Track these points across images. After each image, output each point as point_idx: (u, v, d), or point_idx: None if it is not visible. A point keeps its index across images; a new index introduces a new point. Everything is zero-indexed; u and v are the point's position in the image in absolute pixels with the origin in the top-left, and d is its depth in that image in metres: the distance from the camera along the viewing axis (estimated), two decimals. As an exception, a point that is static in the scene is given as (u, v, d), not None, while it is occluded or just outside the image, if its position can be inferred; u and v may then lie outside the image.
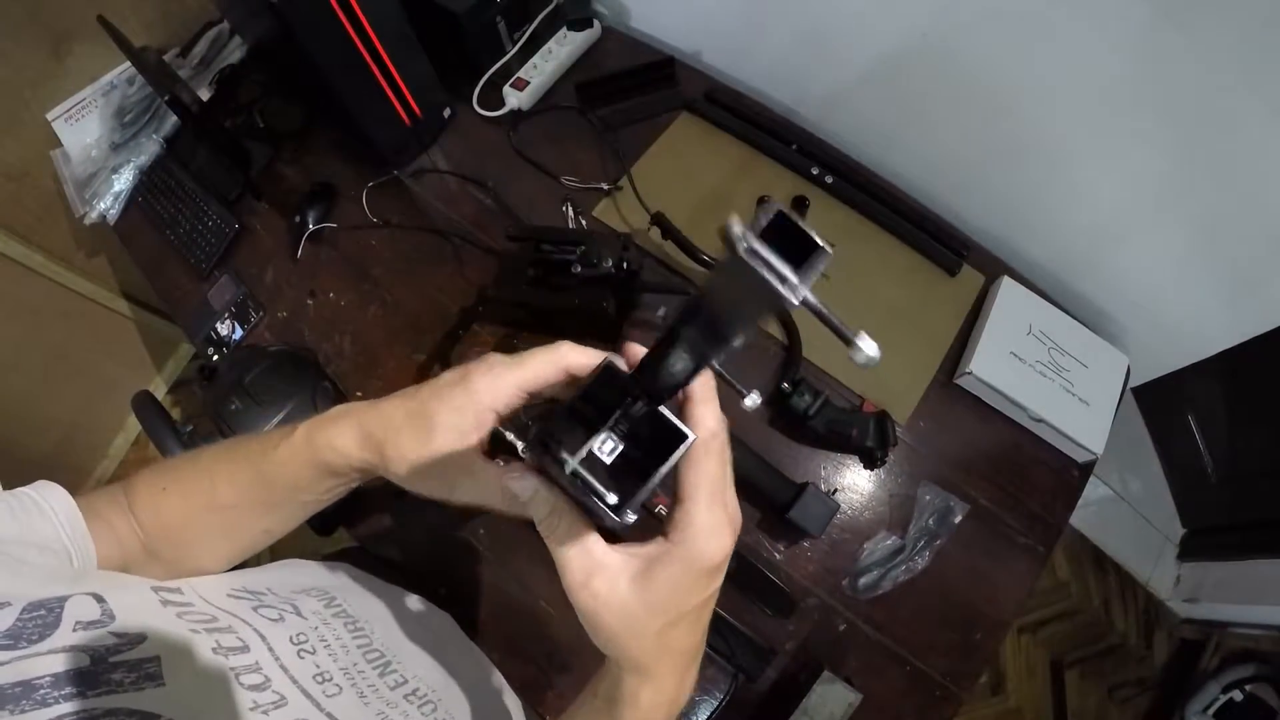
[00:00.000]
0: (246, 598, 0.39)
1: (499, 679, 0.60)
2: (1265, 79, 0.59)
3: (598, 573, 0.28)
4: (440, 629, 0.59)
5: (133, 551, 0.40)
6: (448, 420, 0.33)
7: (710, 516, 0.27)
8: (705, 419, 0.28)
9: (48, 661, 0.24)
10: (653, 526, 0.29)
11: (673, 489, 0.29)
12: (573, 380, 0.32)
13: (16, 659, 0.24)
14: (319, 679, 0.37)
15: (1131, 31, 0.63)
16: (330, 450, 0.35)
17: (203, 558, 0.42)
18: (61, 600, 0.27)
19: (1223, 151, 0.66)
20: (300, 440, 0.37)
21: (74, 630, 0.26)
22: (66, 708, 0.23)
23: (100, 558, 0.38)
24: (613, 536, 0.29)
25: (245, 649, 0.33)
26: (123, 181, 1.08)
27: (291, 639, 0.37)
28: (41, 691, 0.23)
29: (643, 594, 0.28)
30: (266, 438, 0.38)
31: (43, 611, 0.26)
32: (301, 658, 0.37)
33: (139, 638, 0.28)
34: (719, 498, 0.28)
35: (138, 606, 0.30)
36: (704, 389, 0.29)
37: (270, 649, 0.34)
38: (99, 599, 0.28)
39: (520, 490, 0.29)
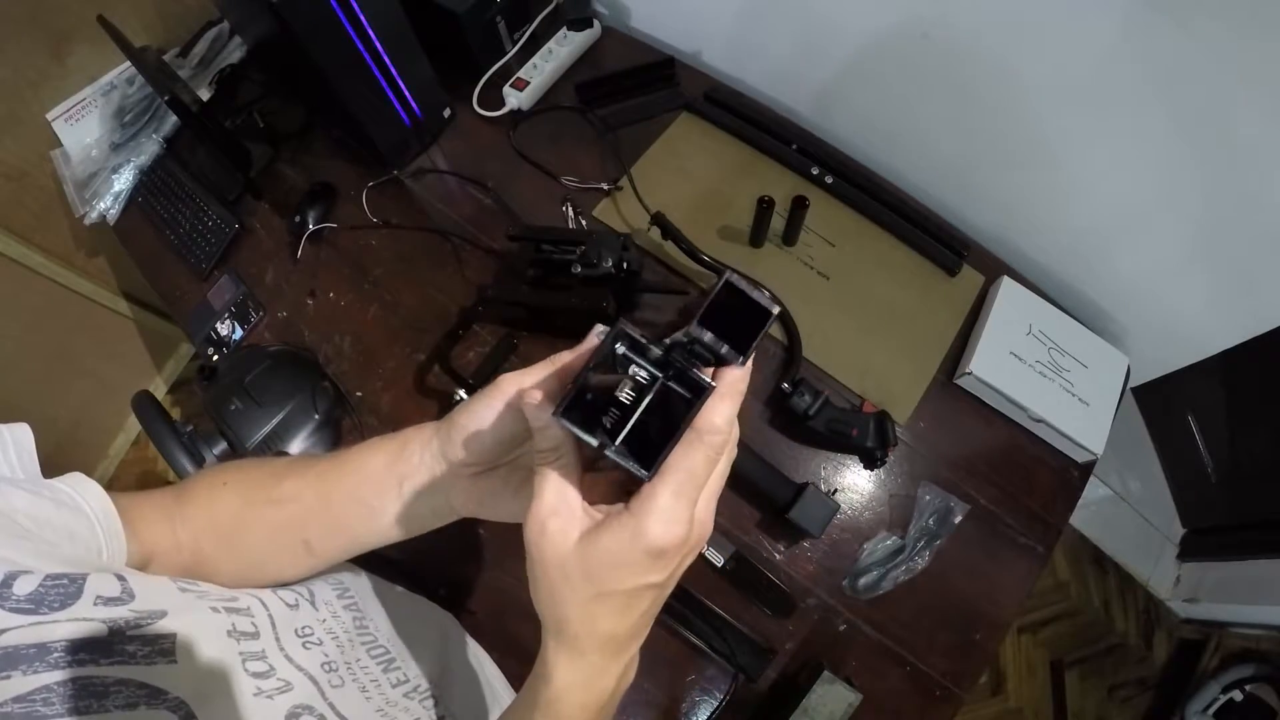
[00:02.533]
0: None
1: (500, 678, 0.61)
2: (1266, 79, 0.59)
3: (560, 514, 0.28)
4: (441, 628, 0.59)
5: (162, 554, 0.39)
6: (474, 401, 0.35)
7: (672, 502, 0.27)
8: (712, 415, 0.28)
9: (66, 628, 0.25)
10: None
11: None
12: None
13: (35, 624, 0.24)
14: (326, 668, 0.37)
15: (1132, 32, 0.63)
16: (414, 430, 0.38)
17: (242, 558, 0.41)
18: (84, 575, 0.27)
19: (1223, 151, 0.66)
20: (389, 433, 0.39)
21: (94, 604, 0.26)
22: (77, 672, 0.24)
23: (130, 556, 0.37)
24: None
25: (255, 635, 0.33)
26: (123, 181, 1.08)
27: (298, 631, 0.37)
28: (55, 655, 0.24)
29: (584, 551, 0.28)
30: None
31: (65, 581, 0.26)
32: (308, 649, 0.37)
33: (159, 614, 0.28)
34: (689, 491, 0.27)
35: (157, 588, 0.30)
36: (727, 388, 0.28)
37: (277, 638, 0.35)
38: (120, 578, 0.29)
39: (535, 416, 0.30)
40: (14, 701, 0.22)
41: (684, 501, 0.27)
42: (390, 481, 0.38)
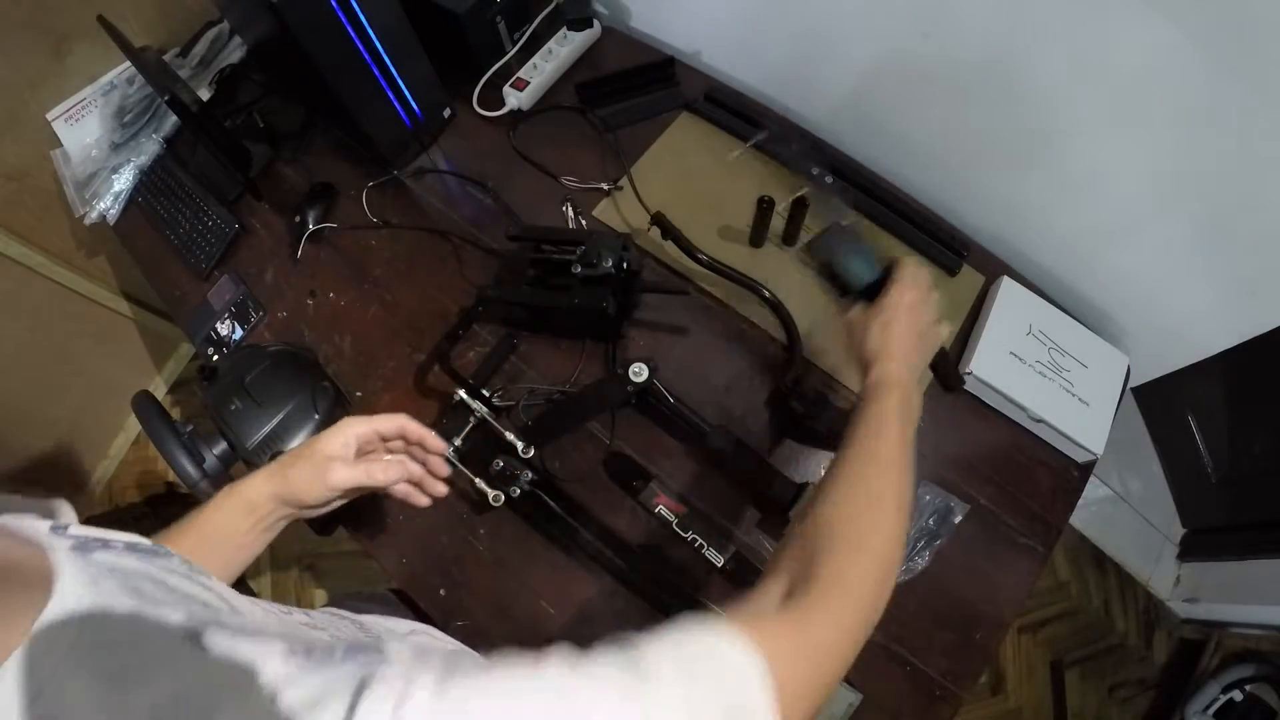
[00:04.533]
0: None
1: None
2: (1266, 79, 0.59)
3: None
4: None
5: None
6: (331, 441, 0.53)
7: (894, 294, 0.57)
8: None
9: (118, 535, 0.32)
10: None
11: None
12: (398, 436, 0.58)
13: (93, 532, 0.31)
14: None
15: (1132, 32, 0.63)
16: (247, 486, 0.52)
17: None
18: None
19: (1223, 151, 0.66)
20: (225, 488, 0.52)
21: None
22: (135, 558, 0.31)
23: None
24: None
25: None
26: (123, 181, 1.08)
27: (301, 622, 0.43)
28: (117, 547, 0.31)
29: (867, 315, 0.57)
30: (196, 510, 0.52)
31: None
32: (317, 627, 0.43)
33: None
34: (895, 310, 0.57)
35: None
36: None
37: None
38: None
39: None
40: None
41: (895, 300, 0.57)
42: (250, 525, 0.51)
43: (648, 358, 0.70)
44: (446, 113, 1.00)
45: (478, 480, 0.71)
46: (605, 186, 0.92)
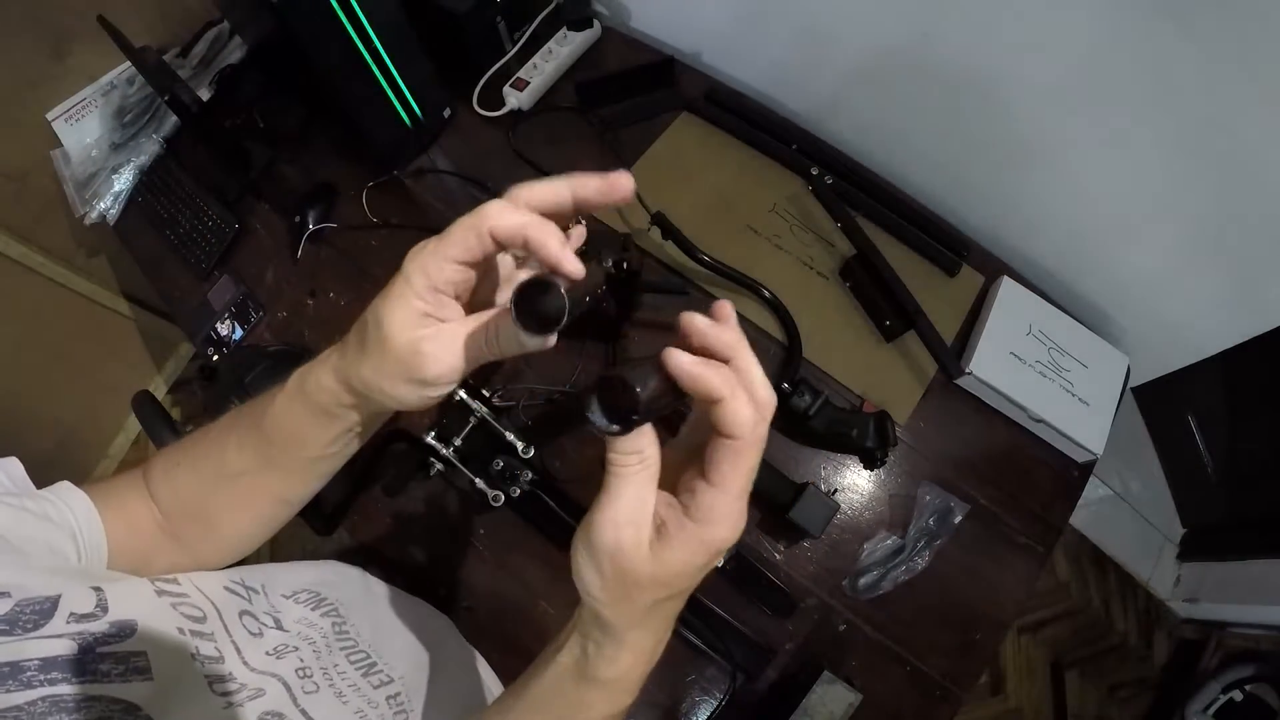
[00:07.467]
0: (240, 594, 0.39)
1: (495, 682, 0.61)
2: (1266, 79, 0.59)
3: (636, 524, 0.28)
4: (437, 631, 0.59)
5: (150, 537, 0.40)
6: (395, 316, 0.32)
7: (737, 505, 0.28)
8: (742, 413, 0.28)
9: (38, 646, 0.25)
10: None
11: (705, 471, 0.29)
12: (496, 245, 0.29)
13: (8, 643, 0.24)
14: (301, 674, 0.37)
15: (1133, 32, 0.63)
16: (318, 389, 0.34)
17: (223, 533, 0.41)
18: (58, 595, 0.28)
19: (1223, 151, 0.66)
20: (293, 387, 0.36)
21: (67, 621, 0.27)
22: (50, 691, 0.24)
23: (115, 550, 0.38)
24: None
25: (220, 659, 0.33)
26: (123, 181, 1.08)
27: (267, 652, 0.37)
28: (28, 674, 0.24)
29: (657, 565, 0.28)
30: (265, 395, 0.37)
31: (40, 599, 0.27)
32: (282, 658, 0.37)
33: (130, 631, 0.28)
34: (746, 490, 0.29)
35: (132, 597, 0.30)
36: (741, 379, 0.30)
37: (245, 662, 0.35)
38: (96, 590, 0.29)
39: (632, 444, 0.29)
40: None
41: (743, 501, 0.29)
42: (332, 436, 0.36)
43: (648, 357, 0.70)
44: (446, 113, 0.99)
45: (478, 480, 0.71)
46: (605, 186, 0.92)
